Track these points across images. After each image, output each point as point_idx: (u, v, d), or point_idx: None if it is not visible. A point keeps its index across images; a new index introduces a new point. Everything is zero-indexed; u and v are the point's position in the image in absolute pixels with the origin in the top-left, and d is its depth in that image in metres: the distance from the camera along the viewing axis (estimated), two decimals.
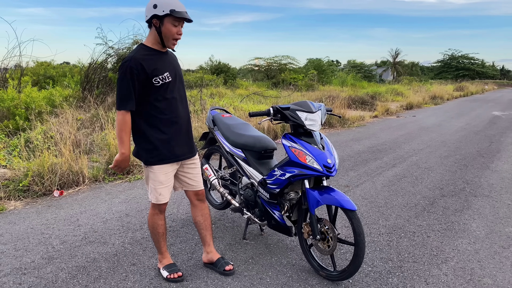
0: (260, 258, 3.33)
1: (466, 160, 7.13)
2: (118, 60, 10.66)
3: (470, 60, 58.05)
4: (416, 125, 12.10)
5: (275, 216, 3.20)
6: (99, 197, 5.00)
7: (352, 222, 2.75)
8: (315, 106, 3.01)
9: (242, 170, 3.55)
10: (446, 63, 58.84)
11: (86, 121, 8.62)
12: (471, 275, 3.09)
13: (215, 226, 4.04)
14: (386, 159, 7.15)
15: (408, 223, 4.14)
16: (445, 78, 51.88)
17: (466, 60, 58.08)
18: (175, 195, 5.02)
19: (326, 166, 2.83)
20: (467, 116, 14.82)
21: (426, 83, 36.22)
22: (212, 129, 3.96)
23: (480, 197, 5.00)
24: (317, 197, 2.84)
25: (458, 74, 54.76)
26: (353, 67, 48.48)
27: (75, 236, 3.79)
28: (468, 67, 56.65)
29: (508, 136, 9.87)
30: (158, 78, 2.65)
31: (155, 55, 2.69)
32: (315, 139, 2.99)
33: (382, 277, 3.05)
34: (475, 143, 8.85)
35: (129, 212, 4.44)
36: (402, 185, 5.54)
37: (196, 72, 34.01)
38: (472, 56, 58.55)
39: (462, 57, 58.26)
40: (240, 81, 29.42)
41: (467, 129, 11.19)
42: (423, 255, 3.42)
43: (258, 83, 32.71)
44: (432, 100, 21.93)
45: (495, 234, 3.88)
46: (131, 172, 6.12)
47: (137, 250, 3.49)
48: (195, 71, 42.19)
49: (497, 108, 18.61)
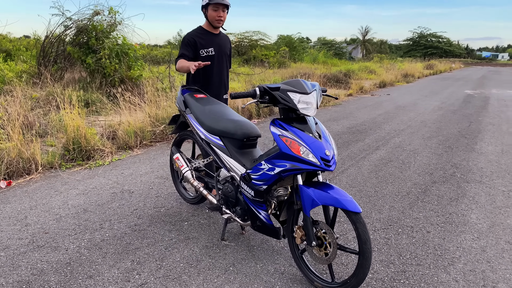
0: (242, 265, 2.84)
1: (450, 141, 6.83)
2: (77, 33, 9.73)
3: (438, 39, 58.60)
4: (392, 103, 11.81)
5: (261, 216, 2.69)
6: (53, 188, 4.37)
7: (357, 226, 2.28)
8: (309, 86, 2.49)
9: (220, 161, 3.01)
10: (415, 41, 59.20)
11: (41, 99, 7.81)
12: (484, 280, 2.71)
13: (187, 223, 3.51)
14: (368, 141, 6.76)
15: (403, 216, 3.74)
16: (414, 56, 52.23)
17: (434, 38, 58.58)
18: (142, 185, 4.44)
19: (324, 159, 2.33)
20: (441, 94, 14.68)
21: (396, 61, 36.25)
22: (183, 111, 3.38)
23: (473, 183, 4.67)
24: (313, 196, 2.35)
25: (427, 53, 55.24)
26: (324, 44, 47.98)
27: (20, 240, 3.18)
28: (436, 45, 57.19)
29: (485, 116, 9.69)
30: (203, 50, 3.53)
31: (205, 34, 3.58)
32: (309, 125, 2.47)
33: (386, 287, 2.62)
34: (455, 123, 8.60)
35: (88, 207, 3.85)
36: (390, 170, 5.15)
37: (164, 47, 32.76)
38: (440, 35, 59.15)
39: (430, 35, 58.71)
40: None
41: (444, 108, 10.98)
42: (427, 256, 3.02)
43: None
44: (404, 78, 21.82)
45: (498, 227, 3.53)
46: (91, 157, 5.47)
47: (96, 257, 2.92)
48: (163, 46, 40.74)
49: (468, 86, 18.64)
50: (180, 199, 4.03)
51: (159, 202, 3.98)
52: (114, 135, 6.33)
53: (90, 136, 5.56)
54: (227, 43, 3.75)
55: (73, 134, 5.42)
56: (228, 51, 3.75)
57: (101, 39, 9.29)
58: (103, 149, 5.65)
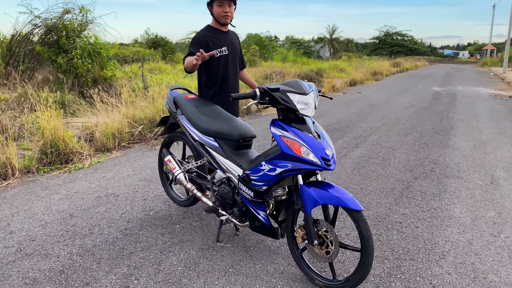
0: (241, 266, 2.84)
1: (425, 138, 7.04)
2: (46, 32, 9.41)
3: (403, 37, 60.13)
4: (365, 101, 12.04)
5: (260, 217, 2.70)
6: (33, 193, 4.22)
7: (359, 224, 2.32)
8: (307, 86, 2.51)
9: (216, 162, 2.99)
10: (381, 40, 60.50)
11: (12, 101, 7.52)
12: (475, 272, 2.81)
13: (179, 226, 3.47)
14: (347, 139, 6.88)
15: (391, 212, 3.82)
16: (380, 54, 53.35)
17: (400, 36, 60.08)
18: (126, 188, 4.36)
19: (324, 158, 2.36)
20: (410, 92, 15.08)
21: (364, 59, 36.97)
22: (174, 113, 3.33)
23: (452, 178, 4.83)
24: (315, 195, 2.38)
25: (393, 51, 56.56)
26: (293, 43, 48.39)
27: (7, 248, 3.06)
28: (401, 43, 58.66)
29: (455, 112, 10.02)
30: (217, 51, 3.30)
31: (216, 33, 3.37)
32: (308, 125, 2.50)
33: (384, 282, 2.68)
34: (427, 120, 8.86)
35: (73, 212, 3.74)
36: (372, 167, 5.25)
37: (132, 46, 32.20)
38: (405, 33, 60.72)
39: (396, 34, 60.18)
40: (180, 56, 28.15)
41: (415, 105, 11.28)
42: (419, 251, 3.10)
43: None
44: (373, 76, 22.27)
45: (481, 220, 3.67)
46: (70, 160, 5.32)
47: (90, 263, 2.85)
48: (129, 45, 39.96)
49: (435, 83, 19.22)
50: (168, 202, 3.98)
51: (147, 205, 3.92)
52: (91, 137, 6.18)
53: (68, 138, 5.40)
54: (237, 40, 3.58)
55: (50, 137, 5.25)
56: (239, 49, 3.59)
57: (72, 39, 9.03)
58: (81, 152, 5.51)
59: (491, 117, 9.25)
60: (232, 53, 3.44)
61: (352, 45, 70.34)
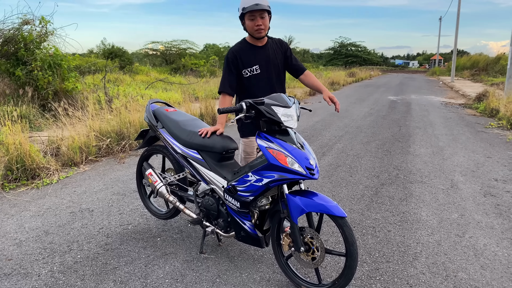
0: (228, 276, 2.89)
1: (387, 145, 7.36)
2: (3, 43, 9.09)
3: (357, 48, 62.15)
4: (326, 111, 12.38)
5: (246, 226, 2.78)
6: (2, 211, 4.09)
7: (344, 230, 2.45)
8: (289, 100, 2.64)
9: (199, 174, 3.04)
10: (336, 50, 62.22)
11: None
12: (446, 271, 3.01)
13: (160, 239, 3.48)
14: (314, 147, 7.08)
15: (364, 217, 4.00)
16: (335, 64, 54.86)
17: (354, 47, 62.07)
18: (100, 203, 4.30)
19: (309, 168, 2.48)
20: (368, 101, 15.65)
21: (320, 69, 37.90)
22: (155, 126, 3.36)
23: (416, 184, 5.10)
24: (301, 204, 2.49)
25: (348, 61, 58.28)
26: None
27: None
28: (356, 54, 60.57)
29: (411, 120, 10.52)
30: (246, 70, 3.16)
31: (249, 49, 3.17)
32: (291, 137, 2.61)
33: (365, 284, 2.82)
34: (387, 128, 9.25)
35: (48, 229, 3.66)
36: (340, 174, 5.45)
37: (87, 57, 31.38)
38: (359, 44, 62.78)
39: (350, 45, 62.11)
40: (139, 67, 27.77)
41: (373, 114, 11.74)
42: (393, 253, 3.28)
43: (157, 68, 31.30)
44: (331, 86, 22.93)
45: (446, 222, 3.91)
46: (37, 176, 5.18)
47: (74, 280, 2.81)
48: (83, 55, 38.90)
49: (390, 93, 20.03)
50: (145, 215, 3.97)
51: (124, 219, 3.89)
52: (57, 152, 6.03)
53: (34, 153, 5.26)
54: (279, 49, 3.29)
55: (16, 152, 5.09)
56: (282, 58, 3.30)
57: (32, 50, 8.77)
58: (48, 167, 5.37)
59: (445, 124, 9.78)
60: (266, 70, 3.19)
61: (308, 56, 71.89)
